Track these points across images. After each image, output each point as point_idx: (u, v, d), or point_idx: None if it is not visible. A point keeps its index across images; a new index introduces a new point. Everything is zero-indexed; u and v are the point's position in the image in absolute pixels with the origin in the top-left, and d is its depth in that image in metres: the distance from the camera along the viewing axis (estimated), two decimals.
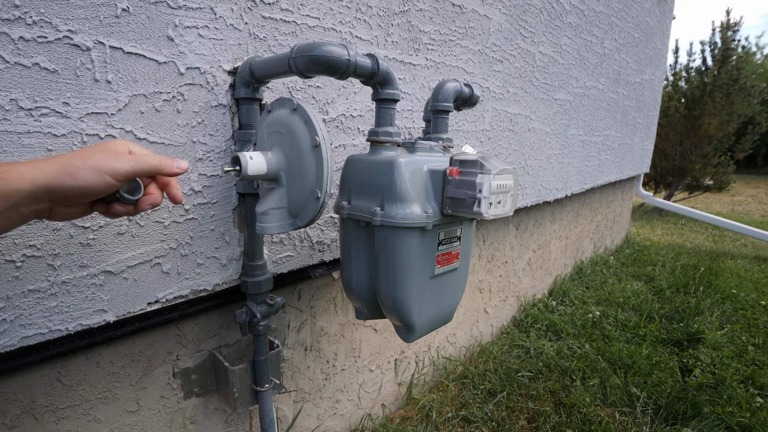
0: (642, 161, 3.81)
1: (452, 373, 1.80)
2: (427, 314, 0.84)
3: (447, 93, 0.91)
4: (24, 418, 0.72)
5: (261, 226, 0.70)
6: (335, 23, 0.99)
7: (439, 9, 1.27)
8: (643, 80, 3.33)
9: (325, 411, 1.30)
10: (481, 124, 1.57)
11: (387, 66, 0.75)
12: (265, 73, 0.76)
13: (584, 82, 2.30)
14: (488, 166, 0.70)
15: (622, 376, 1.80)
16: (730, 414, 1.56)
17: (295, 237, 1.03)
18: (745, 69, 6.32)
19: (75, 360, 0.77)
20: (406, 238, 0.75)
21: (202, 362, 0.95)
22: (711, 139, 6.40)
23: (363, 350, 1.39)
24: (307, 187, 0.69)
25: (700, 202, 8.83)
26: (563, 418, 1.55)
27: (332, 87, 1.02)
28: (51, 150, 0.63)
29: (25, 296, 0.65)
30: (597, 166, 2.72)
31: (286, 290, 1.10)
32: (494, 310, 2.13)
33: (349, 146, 1.09)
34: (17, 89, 0.59)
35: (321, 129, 0.67)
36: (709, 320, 2.37)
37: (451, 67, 1.37)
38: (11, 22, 0.57)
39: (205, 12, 0.76)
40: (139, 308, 0.78)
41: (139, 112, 0.71)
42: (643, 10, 2.97)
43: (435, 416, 1.52)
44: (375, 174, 0.78)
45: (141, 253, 0.76)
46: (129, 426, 0.86)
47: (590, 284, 2.91)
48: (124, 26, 0.67)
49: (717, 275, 3.14)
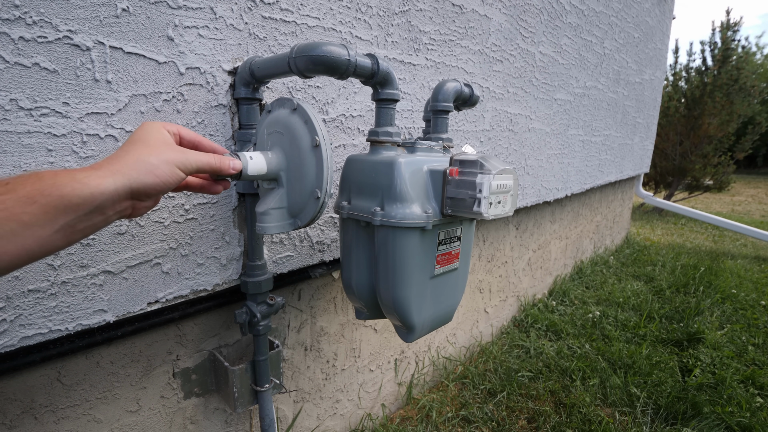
0: (642, 161, 3.81)
1: (452, 373, 1.80)
2: (427, 314, 0.84)
3: (447, 93, 0.91)
4: (24, 418, 0.72)
5: (261, 226, 0.70)
6: (335, 23, 0.99)
7: (439, 9, 1.27)
8: (643, 80, 3.33)
9: (325, 411, 1.30)
10: (481, 124, 1.57)
11: (387, 66, 0.75)
12: (265, 73, 0.76)
13: (584, 82, 2.30)
14: (488, 166, 0.70)
15: (622, 376, 1.80)
16: (730, 414, 1.56)
17: (295, 237, 1.03)
18: (745, 69, 6.33)
19: (75, 360, 0.77)
20: (406, 238, 0.75)
21: (202, 362, 0.95)
22: (711, 139, 6.40)
23: (363, 350, 1.39)
24: (307, 187, 0.69)
25: (700, 202, 8.83)
26: (563, 418, 1.55)
27: (332, 87, 1.02)
28: (51, 150, 0.63)
29: (25, 296, 0.65)
30: (597, 166, 2.72)
31: (286, 290, 1.10)
32: (494, 310, 2.13)
33: (349, 146, 1.09)
34: (17, 89, 0.59)
35: (321, 129, 0.67)
36: (709, 320, 2.37)
37: (451, 67, 1.37)
38: (11, 22, 0.57)
39: (205, 12, 0.76)
40: (139, 308, 0.78)
41: (139, 112, 0.71)
42: (643, 10, 2.97)
43: (435, 416, 1.52)
44: (375, 174, 0.78)
45: (141, 253, 0.76)
46: (129, 426, 0.86)
47: (590, 284, 2.91)
48: (124, 26, 0.67)
49: (717, 275, 3.14)
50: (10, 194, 0.37)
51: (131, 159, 0.46)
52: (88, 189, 0.41)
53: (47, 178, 0.40)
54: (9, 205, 0.37)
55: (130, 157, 0.46)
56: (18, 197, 0.37)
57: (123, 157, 0.46)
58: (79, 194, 0.40)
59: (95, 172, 0.43)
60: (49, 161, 0.63)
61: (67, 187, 0.40)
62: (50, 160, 0.63)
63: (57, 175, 0.40)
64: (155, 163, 0.47)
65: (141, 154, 0.47)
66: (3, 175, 0.60)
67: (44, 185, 0.39)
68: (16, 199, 0.37)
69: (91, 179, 0.42)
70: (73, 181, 0.40)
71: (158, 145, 0.49)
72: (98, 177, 0.42)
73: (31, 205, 0.38)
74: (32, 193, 0.38)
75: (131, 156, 0.46)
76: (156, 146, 0.49)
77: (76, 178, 0.41)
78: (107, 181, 0.43)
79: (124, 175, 0.44)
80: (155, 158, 0.47)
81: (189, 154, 0.51)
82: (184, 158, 0.50)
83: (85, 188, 0.41)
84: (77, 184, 0.40)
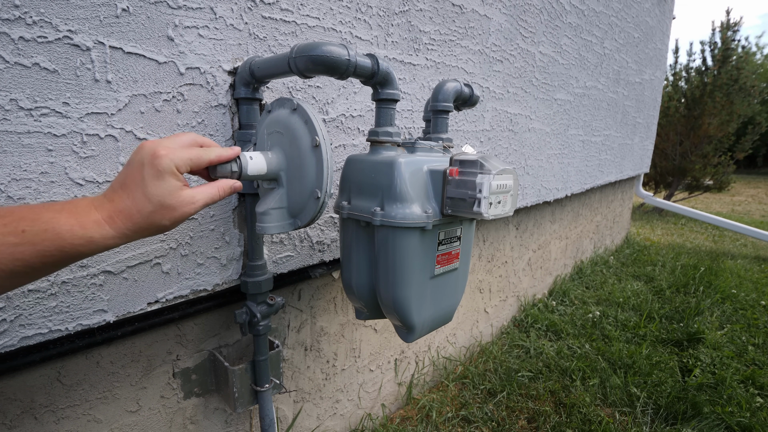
0: (642, 161, 3.81)
1: (452, 373, 1.80)
2: (427, 314, 0.84)
3: (447, 93, 0.91)
4: (24, 418, 0.72)
5: (261, 226, 0.70)
6: (335, 23, 0.99)
7: (439, 9, 1.27)
8: (643, 80, 3.33)
9: (325, 411, 1.30)
10: (481, 124, 1.57)
11: (387, 66, 0.75)
12: (265, 73, 0.76)
13: (584, 82, 2.30)
14: (488, 166, 0.70)
15: (622, 376, 1.80)
16: (730, 414, 1.56)
17: (295, 237, 1.03)
18: (745, 69, 6.33)
19: (75, 360, 0.77)
20: (406, 238, 0.75)
21: (202, 362, 0.95)
22: (711, 139, 6.40)
23: (363, 350, 1.39)
24: (307, 187, 0.69)
25: (700, 202, 8.83)
26: (563, 418, 1.55)
27: (332, 87, 1.02)
28: (51, 150, 0.63)
29: (25, 296, 0.65)
30: (597, 166, 2.72)
31: (286, 290, 1.10)
32: (494, 310, 2.13)
33: (349, 146, 1.09)
34: (17, 89, 0.59)
35: (321, 129, 0.67)
36: (709, 320, 2.37)
37: (451, 67, 1.37)
38: (11, 22, 0.57)
39: (205, 12, 0.76)
40: (139, 308, 0.78)
41: (139, 112, 0.71)
42: (643, 10, 2.97)
43: (435, 416, 1.52)
44: (375, 174, 0.78)
45: (141, 253, 0.76)
46: (129, 426, 0.86)
47: (590, 284, 2.91)
48: (124, 26, 0.67)
49: (717, 275, 3.14)
50: (28, 247, 0.40)
51: (144, 218, 0.47)
52: (100, 249, 0.45)
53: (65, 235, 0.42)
54: (26, 257, 0.41)
55: (142, 213, 0.47)
56: (36, 251, 0.41)
57: (134, 211, 0.47)
58: (82, 252, 0.44)
59: (107, 230, 0.45)
60: (49, 161, 0.63)
61: (82, 247, 0.43)
62: (50, 159, 0.63)
63: (73, 230, 0.43)
64: (165, 224, 0.49)
65: (149, 213, 0.47)
66: (3, 174, 0.60)
67: (63, 243, 0.42)
68: (33, 253, 0.41)
69: (95, 233, 0.44)
70: (83, 240, 0.43)
71: (173, 203, 0.49)
72: (110, 238, 0.45)
73: (47, 258, 0.42)
74: (49, 248, 0.42)
75: (143, 211, 0.47)
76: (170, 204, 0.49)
77: (90, 237, 0.44)
78: (111, 241, 0.46)
79: (126, 234, 0.46)
80: (160, 217, 0.48)
81: (195, 204, 0.51)
82: (183, 208, 0.50)
83: (98, 249, 0.45)
84: (80, 241, 0.43)
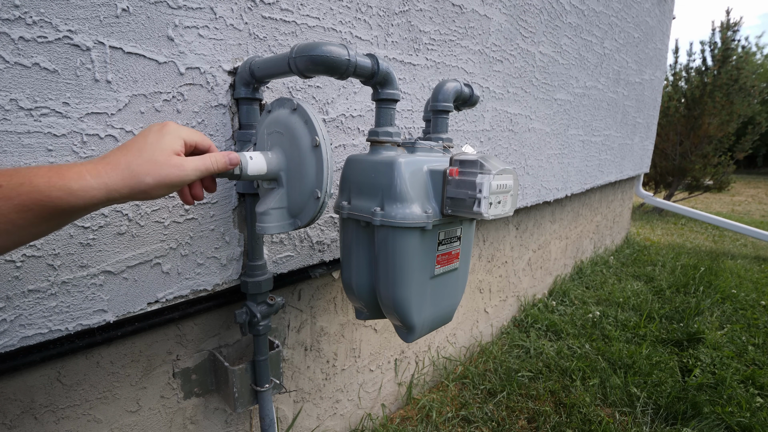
0: (642, 161, 3.81)
1: (452, 373, 1.80)
2: (427, 314, 0.84)
3: (447, 93, 0.91)
4: (24, 418, 0.72)
5: (261, 226, 0.70)
6: (335, 23, 0.99)
7: (439, 9, 1.27)
8: (643, 80, 3.33)
9: (325, 411, 1.30)
10: (481, 124, 1.57)
11: (387, 66, 0.75)
12: (265, 73, 0.76)
13: (584, 82, 2.30)
14: (488, 166, 0.70)
15: (622, 376, 1.80)
16: (730, 414, 1.56)
17: (295, 237, 1.03)
18: (745, 69, 6.32)
19: (75, 360, 0.77)
20: (406, 238, 0.75)
21: (202, 362, 0.95)
22: (711, 139, 6.40)
23: (363, 350, 1.39)
24: (307, 187, 0.69)
25: (700, 202, 8.82)
26: (563, 418, 1.55)
27: (332, 87, 1.02)
28: (51, 150, 0.63)
29: (25, 296, 0.65)
30: (597, 166, 2.72)
31: (286, 290, 1.10)
32: (494, 310, 2.13)
33: (349, 146, 1.09)
34: (17, 89, 0.59)
35: (321, 129, 0.67)
36: (709, 320, 2.37)
37: (451, 67, 1.37)
38: (11, 22, 0.57)
39: (205, 12, 0.76)
40: (139, 308, 0.78)
41: (139, 112, 0.71)
42: (643, 10, 2.97)
43: (435, 416, 1.52)
44: (375, 174, 0.78)
45: (141, 253, 0.76)
46: (129, 426, 0.86)
47: (590, 284, 2.91)
48: (124, 26, 0.67)
49: (717, 275, 3.14)
50: (5, 201, 0.41)
51: (129, 169, 0.47)
52: (82, 201, 0.44)
53: (42, 186, 0.42)
54: (5, 212, 0.41)
55: (130, 165, 0.48)
56: (13, 205, 0.41)
57: (122, 161, 0.48)
58: (62, 206, 0.44)
59: (88, 179, 0.45)
60: (49, 161, 0.63)
61: (60, 199, 0.43)
62: (50, 159, 0.63)
63: (51, 181, 0.43)
64: (148, 181, 0.49)
65: (136, 164, 0.48)
66: None
67: (40, 195, 0.42)
68: (11, 207, 0.41)
69: (74, 183, 0.44)
70: (62, 192, 0.43)
71: (160, 163, 0.50)
72: (90, 188, 0.45)
73: (27, 212, 0.42)
74: (27, 201, 0.42)
75: (132, 164, 0.48)
76: (157, 163, 0.50)
77: (69, 187, 0.44)
78: (92, 192, 0.45)
79: (108, 185, 0.46)
80: (145, 171, 0.48)
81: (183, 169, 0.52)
82: (179, 178, 0.52)
83: (79, 201, 0.44)
84: (58, 193, 0.43)
